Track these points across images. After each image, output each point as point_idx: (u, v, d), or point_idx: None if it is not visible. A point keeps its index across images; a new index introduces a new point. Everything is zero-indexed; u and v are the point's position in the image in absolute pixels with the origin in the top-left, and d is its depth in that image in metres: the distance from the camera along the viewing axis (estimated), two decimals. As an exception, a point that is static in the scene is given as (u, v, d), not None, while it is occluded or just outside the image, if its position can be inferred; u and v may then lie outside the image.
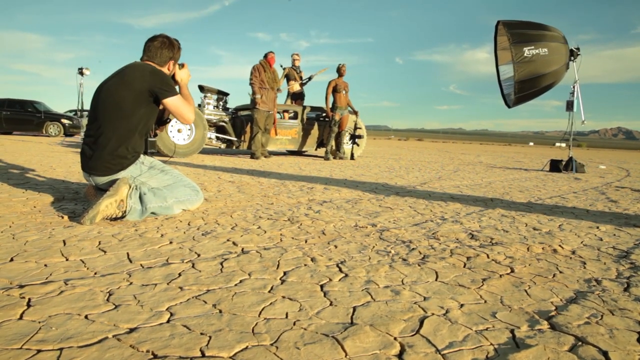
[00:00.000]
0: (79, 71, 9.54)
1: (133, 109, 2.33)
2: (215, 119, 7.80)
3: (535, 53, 7.35)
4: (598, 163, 13.21)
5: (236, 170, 5.21)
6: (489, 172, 6.92)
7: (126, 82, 2.36)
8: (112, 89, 2.37)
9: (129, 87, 2.34)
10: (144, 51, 2.53)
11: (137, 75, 2.37)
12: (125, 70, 2.43)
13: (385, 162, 8.55)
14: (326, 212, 2.67)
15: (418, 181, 4.93)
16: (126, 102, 2.32)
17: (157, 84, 2.36)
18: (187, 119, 2.47)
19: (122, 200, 2.21)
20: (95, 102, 2.40)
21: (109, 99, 2.35)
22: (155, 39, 2.54)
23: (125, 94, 2.33)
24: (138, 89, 2.33)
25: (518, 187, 4.77)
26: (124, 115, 2.33)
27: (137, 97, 2.33)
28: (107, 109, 2.35)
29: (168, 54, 2.53)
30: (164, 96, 2.38)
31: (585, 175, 7.15)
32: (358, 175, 5.26)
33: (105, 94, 2.38)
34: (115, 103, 2.32)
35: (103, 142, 2.32)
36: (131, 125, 2.35)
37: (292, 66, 8.89)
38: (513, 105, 7.77)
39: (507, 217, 2.77)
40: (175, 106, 2.42)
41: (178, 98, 2.44)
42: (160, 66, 2.52)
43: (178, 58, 2.60)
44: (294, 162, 7.11)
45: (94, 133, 2.36)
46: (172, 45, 2.54)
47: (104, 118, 2.34)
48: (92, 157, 2.36)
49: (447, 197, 3.67)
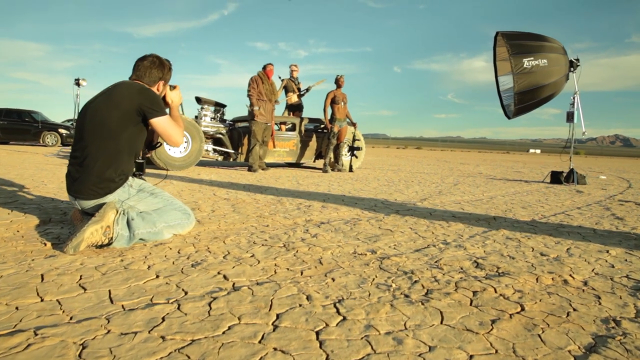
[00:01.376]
0: (76, 82, 9.48)
1: (120, 129, 2.23)
2: (213, 130, 7.71)
3: (534, 64, 7.29)
4: (598, 173, 13.13)
5: (232, 186, 5.10)
6: (490, 185, 6.82)
7: (113, 100, 2.26)
8: (99, 108, 2.26)
9: (116, 106, 2.24)
10: (133, 70, 2.44)
11: (125, 93, 2.27)
12: (113, 88, 2.33)
13: (384, 174, 8.44)
14: (323, 236, 2.56)
15: (418, 197, 4.83)
16: (113, 121, 2.21)
17: (145, 102, 2.26)
18: (175, 142, 2.36)
19: (109, 227, 2.10)
20: (81, 121, 2.30)
21: (95, 118, 2.25)
22: (145, 59, 2.45)
23: (113, 113, 2.23)
24: (126, 108, 2.22)
25: (520, 202, 4.67)
26: (111, 135, 2.22)
27: (124, 117, 2.23)
28: (93, 129, 2.24)
29: (157, 74, 2.43)
30: (152, 116, 2.28)
31: (586, 187, 7.06)
32: (357, 191, 5.15)
33: (91, 112, 2.27)
34: (101, 122, 2.22)
35: (89, 164, 2.22)
36: (118, 146, 2.24)
37: (290, 77, 8.82)
38: (513, 116, 7.71)
39: (512, 240, 2.66)
40: (163, 127, 2.32)
41: (167, 119, 2.33)
42: (149, 86, 2.42)
43: (169, 79, 2.50)
44: (291, 176, 7.00)
45: (80, 154, 2.25)
46: (163, 65, 2.45)
47: (90, 138, 2.24)
48: (78, 180, 2.25)
49: (449, 215, 3.56)
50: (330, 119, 8.02)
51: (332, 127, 7.96)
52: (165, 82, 2.51)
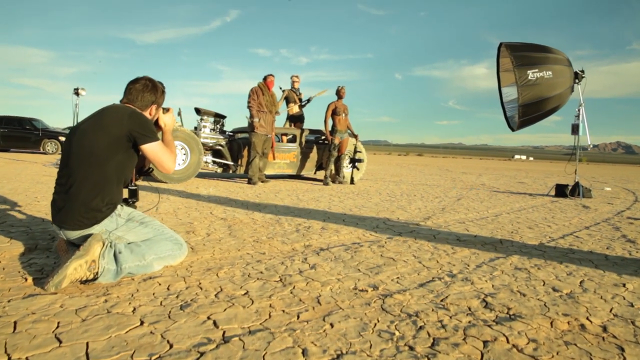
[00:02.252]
0: (75, 91, 9.39)
1: (108, 156, 2.11)
2: (212, 142, 7.61)
3: (539, 76, 7.18)
4: (602, 183, 13.00)
5: (230, 202, 4.98)
6: (494, 199, 6.68)
7: (102, 125, 2.14)
8: (86, 133, 2.15)
9: (104, 131, 2.12)
10: (124, 93, 2.33)
11: (114, 118, 2.16)
12: (102, 112, 2.21)
13: (385, 186, 8.32)
14: (322, 268, 2.42)
15: (421, 215, 4.69)
16: (101, 147, 2.09)
17: (135, 127, 2.15)
18: (167, 169, 2.24)
19: (94, 261, 1.98)
20: (68, 146, 2.18)
21: (82, 143, 2.13)
22: (137, 81, 2.33)
23: (100, 138, 2.11)
24: (115, 133, 2.11)
25: (526, 221, 4.53)
26: (99, 162, 2.10)
27: (113, 143, 2.11)
28: (79, 155, 2.12)
29: (150, 98, 2.32)
30: (142, 141, 2.16)
31: (592, 201, 6.92)
32: (358, 208, 5.02)
33: (78, 137, 2.15)
34: (88, 148, 2.10)
35: (75, 193, 2.09)
36: (106, 173, 2.12)
37: (291, 88, 8.72)
38: (517, 128, 7.58)
39: (522, 271, 2.52)
40: (154, 153, 2.20)
41: (158, 144, 2.22)
42: (141, 110, 2.31)
43: (162, 102, 2.39)
44: (291, 189, 6.88)
45: (65, 181, 2.13)
46: (155, 88, 2.34)
47: (76, 165, 2.12)
48: (63, 210, 2.12)
49: (454, 238, 3.43)
50: (331, 131, 7.91)
51: (332, 139, 7.84)
52: (158, 106, 2.39)
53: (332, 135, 7.86)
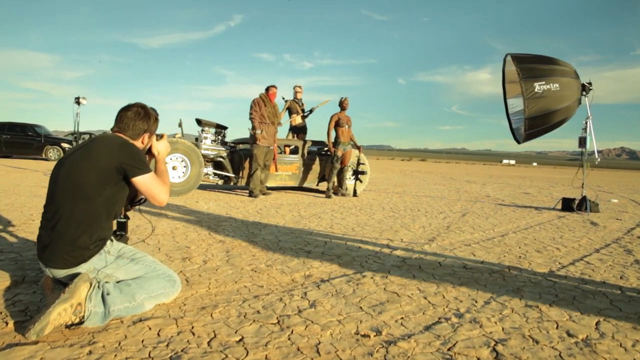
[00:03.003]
0: (76, 100, 9.32)
1: (97, 190, 2.00)
2: (213, 154, 7.50)
3: (546, 89, 7.06)
4: (608, 193, 12.84)
5: (229, 220, 4.86)
6: (499, 215, 6.55)
7: (91, 157, 2.03)
8: (75, 165, 2.03)
9: (93, 163, 2.01)
10: (115, 121, 2.22)
11: (103, 150, 2.05)
12: (92, 143, 2.10)
13: (389, 199, 8.19)
14: (323, 305, 2.30)
15: (425, 235, 4.57)
16: (89, 181, 1.98)
17: (126, 159, 2.04)
18: (160, 201, 2.13)
19: (80, 304, 1.86)
20: (55, 178, 2.07)
21: (69, 177, 2.01)
22: (129, 109, 2.23)
23: (89, 172, 2.00)
24: (104, 166, 1.99)
25: (534, 242, 4.40)
26: (87, 197, 1.99)
27: (102, 176, 2.00)
28: (66, 189, 2.01)
29: (142, 126, 2.21)
30: (133, 174, 2.05)
31: (600, 216, 6.77)
32: (360, 226, 4.89)
33: (65, 170, 2.04)
34: (76, 182, 1.98)
35: (61, 230, 1.98)
36: (95, 209, 2.01)
37: (294, 99, 8.63)
38: (523, 141, 7.45)
39: (533, 309, 2.39)
40: (146, 186, 2.09)
41: (151, 176, 2.10)
42: (132, 139, 2.20)
43: (154, 130, 2.29)
44: (293, 203, 6.76)
45: (51, 217, 2.02)
46: (148, 116, 2.23)
47: (63, 200, 2.01)
48: (49, 247, 2.01)
49: (459, 265, 3.30)
50: (334, 143, 7.80)
51: (335, 150, 7.73)
52: (151, 134, 2.29)
53: (335, 147, 7.75)
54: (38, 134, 16.38)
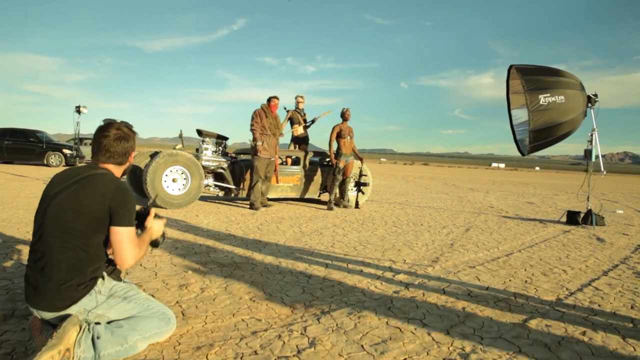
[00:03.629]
0: (77, 109, 9.28)
1: (89, 237, 1.90)
2: (214, 165, 7.43)
3: (551, 101, 6.97)
4: (613, 203, 12.71)
5: (229, 238, 4.77)
6: (503, 229, 6.45)
7: (80, 203, 1.91)
8: (62, 209, 1.91)
9: (83, 212, 1.90)
10: (97, 151, 2.06)
11: (95, 195, 1.93)
12: (80, 185, 1.95)
13: (391, 211, 8.09)
14: (323, 344, 2.21)
15: (429, 254, 4.47)
16: (80, 229, 1.88)
17: (117, 206, 1.93)
18: (123, 261, 1.97)
19: (69, 350, 1.78)
20: (41, 217, 1.95)
21: (56, 222, 1.91)
22: (107, 134, 2.05)
23: (79, 220, 1.90)
24: (95, 213, 1.90)
25: (540, 263, 4.30)
26: (78, 244, 1.89)
27: (94, 224, 1.90)
28: (55, 234, 1.90)
29: (127, 147, 2.10)
30: (116, 222, 1.94)
31: (606, 230, 6.66)
32: (363, 244, 4.80)
33: (53, 212, 1.92)
34: (64, 229, 1.89)
35: (49, 274, 1.89)
36: (86, 254, 1.92)
37: (295, 109, 8.56)
38: (528, 153, 7.35)
39: (543, 348, 2.30)
40: (121, 239, 1.95)
41: (130, 232, 1.98)
42: (121, 164, 2.11)
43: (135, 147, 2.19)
44: (294, 216, 6.67)
45: (39, 258, 1.92)
46: (128, 135, 2.11)
47: (51, 244, 1.90)
48: (37, 290, 1.92)
49: (464, 293, 3.20)
50: (335, 154, 7.73)
51: (337, 162, 7.66)
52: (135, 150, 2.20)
53: (337, 159, 7.68)
54: (40, 139, 16.36)
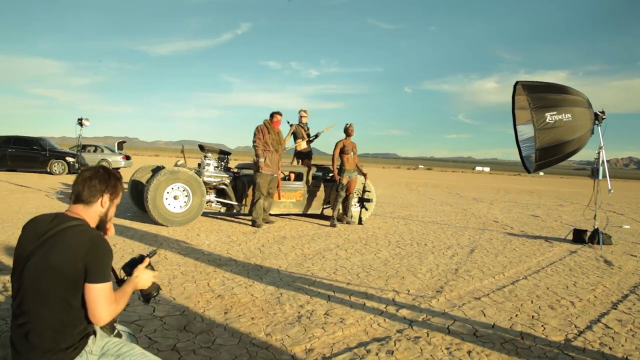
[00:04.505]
0: (79, 122, 9.27)
1: (68, 300, 1.77)
2: (216, 181, 7.36)
3: (558, 119, 6.88)
4: (619, 214, 12.59)
5: (230, 263, 4.70)
6: (508, 250, 6.36)
7: (53, 267, 1.76)
8: (36, 276, 1.77)
9: (57, 274, 1.75)
10: (72, 193, 1.93)
11: (68, 254, 1.77)
12: (54, 244, 1.80)
13: (395, 227, 8.00)
14: (324, 401, 2.14)
15: (433, 282, 4.39)
16: (57, 294, 1.74)
17: (92, 262, 1.78)
18: (99, 320, 1.81)
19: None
20: (18, 282, 1.80)
21: (33, 287, 1.77)
22: (87, 169, 1.97)
23: (54, 284, 1.75)
24: (69, 273, 1.75)
25: (546, 293, 4.21)
26: (58, 311, 1.77)
27: (70, 285, 1.76)
28: (34, 299, 1.77)
29: (100, 186, 1.93)
30: (90, 279, 1.78)
31: (613, 251, 6.55)
32: (366, 271, 4.72)
33: (28, 278, 1.78)
34: (42, 294, 1.75)
35: (34, 341, 1.77)
36: (69, 319, 1.80)
37: (299, 123, 8.50)
38: (534, 171, 7.26)
39: (551, 405, 2.21)
40: (94, 297, 1.78)
41: (105, 288, 1.81)
42: (88, 202, 1.92)
43: (116, 193, 2.00)
44: (296, 235, 6.59)
45: (22, 323, 1.76)
46: (108, 175, 1.97)
47: (32, 310, 1.77)
48: (22, 356, 1.82)
49: (469, 332, 3.12)
50: (338, 170, 7.65)
51: (340, 178, 7.58)
52: (111, 197, 1.98)
53: (340, 175, 7.60)
54: (43, 147, 16.35)
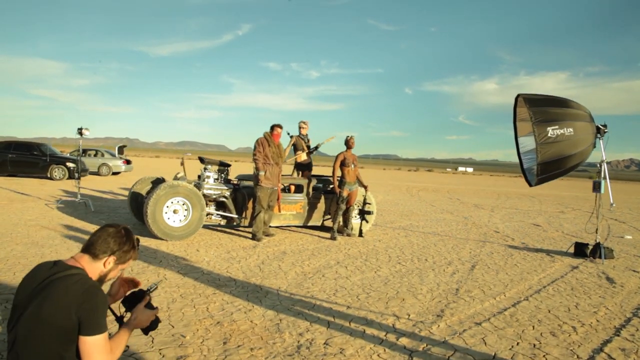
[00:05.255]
0: (79, 131, 9.25)
1: (61, 353, 1.75)
2: (216, 193, 7.33)
3: (559, 133, 6.85)
4: (620, 222, 12.55)
5: (229, 285, 4.66)
6: (509, 266, 6.33)
7: (46, 319, 1.71)
8: (30, 329, 1.72)
9: (50, 327, 1.71)
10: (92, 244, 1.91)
11: (61, 306, 1.72)
12: (49, 294, 1.75)
13: (395, 239, 7.97)
14: None
15: (433, 305, 4.36)
16: (50, 347, 1.71)
17: (85, 313, 1.74)
18: None
19: None
20: (13, 332, 1.77)
21: (26, 341, 1.73)
22: (111, 226, 1.98)
23: (47, 339, 1.71)
24: (63, 326, 1.71)
25: (547, 316, 4.18)
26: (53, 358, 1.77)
27: (64, 338, 1.73)
28: (26, 353, 1.73)
29: (112, 245, 1.92)
30: (84, 331, 1.74)
31: (615, 265, 6.51)
32: (366, 292, 4.69)
33: (22, 331, 1.74)
34: (35, 349, 1.72)
35: None
36: None
37: (299, 134, 8.48)
38: (535, 184, 7.23)
39: None
40: (89, 349, 1.74)
41: (101, 340, 1.77)
42: (95, 256, 1.91)
43: (126, 260, 1.99)
44: (296, 250, 6.56)
45: None
46: (126, 238, 1.96)
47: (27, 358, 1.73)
48: None
49: (471, 364, 3.09)
50: (339, 183, 7.63)
51: (341, 191, 7.56)
52: (118, 261, 1.96)
53: (341, 188, 7.58)
54: (43, 153, 16.35)
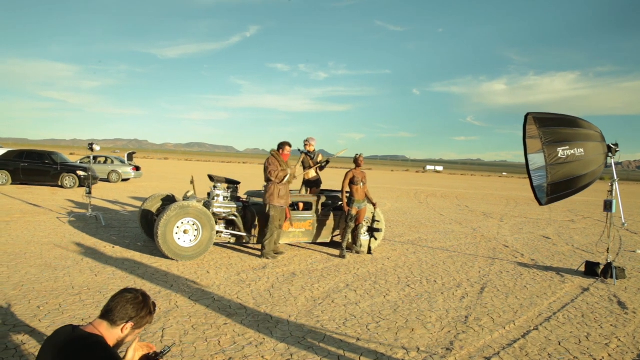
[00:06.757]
0: (90, 147, 9.37)
1: None
2: (225, 212, 7.38)
3: (570, 154, 6.82)
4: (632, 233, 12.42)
5: (240, 313, 4.70)
6: (519, 288, 6.31)
7: None
8: None
9: None
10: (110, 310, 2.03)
11: None
12: None
13: (404, 256, 7.97)
14: None
15: (442, 336, 4.37)
16: None
17: None
18: None
19: None
20: None
21: None
22: (129, 291, 2.06)
23: None
24: None
25: (557, 350, 4.17)
26: None
27: None
28: None
29: (130, 312, 2.02)
30: None
31: (627, 287, 6.46)
32: (375, 320, 4.70)
33: None
34: None
35: None
36: None
37: (307, 152, 8.50)
38: (545, 204, 7.20)
39: None
40: None
41: None
42: (112, 323, 2.00)
43: (142, 325, 2.08)
44: (306, 271, 6.58)
45: None
46: (143, 305, 2.04)
47: None
48: None
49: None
50: (348, 201, 7.64)
51: (349, 209, 7.57)
52: (135, 326, 2.05)
53: (349, 206, 7.59)
54: (54, 161, 16.56)
